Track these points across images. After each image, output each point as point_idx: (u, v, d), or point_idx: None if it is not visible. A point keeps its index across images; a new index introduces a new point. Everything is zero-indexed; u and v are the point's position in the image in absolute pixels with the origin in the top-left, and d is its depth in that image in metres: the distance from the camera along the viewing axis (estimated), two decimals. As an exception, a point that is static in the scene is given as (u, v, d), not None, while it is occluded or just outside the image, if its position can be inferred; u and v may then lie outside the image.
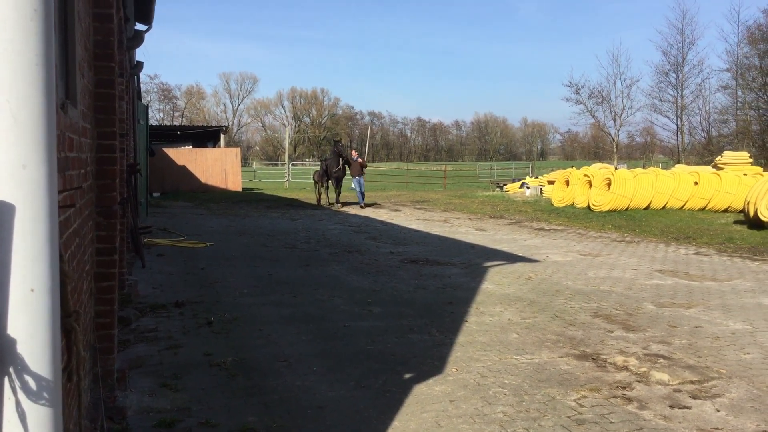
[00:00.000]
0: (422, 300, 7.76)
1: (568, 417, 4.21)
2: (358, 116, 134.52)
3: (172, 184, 29.55)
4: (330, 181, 22.83)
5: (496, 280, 9.10)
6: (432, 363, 5.32)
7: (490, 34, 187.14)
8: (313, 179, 24.58)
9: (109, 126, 4.49)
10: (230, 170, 31.53)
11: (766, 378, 5.00)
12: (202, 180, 30.84)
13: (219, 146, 35.10)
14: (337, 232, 14.84)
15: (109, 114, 4.50)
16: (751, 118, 36.96)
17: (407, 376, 5.02)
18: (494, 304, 7.55)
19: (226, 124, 57.64)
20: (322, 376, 4.98)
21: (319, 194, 23.35)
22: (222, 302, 7.50)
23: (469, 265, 10.31)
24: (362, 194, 22.58)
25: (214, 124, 69.84)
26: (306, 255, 11.28)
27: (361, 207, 21.99)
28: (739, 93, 38.06)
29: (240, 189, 31.97)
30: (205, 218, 18.17)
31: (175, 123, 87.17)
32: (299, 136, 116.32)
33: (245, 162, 78.50)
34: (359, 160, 23.01)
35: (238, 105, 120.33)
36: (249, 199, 26.49)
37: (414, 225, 16.52)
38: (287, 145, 49.48)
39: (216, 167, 31.25)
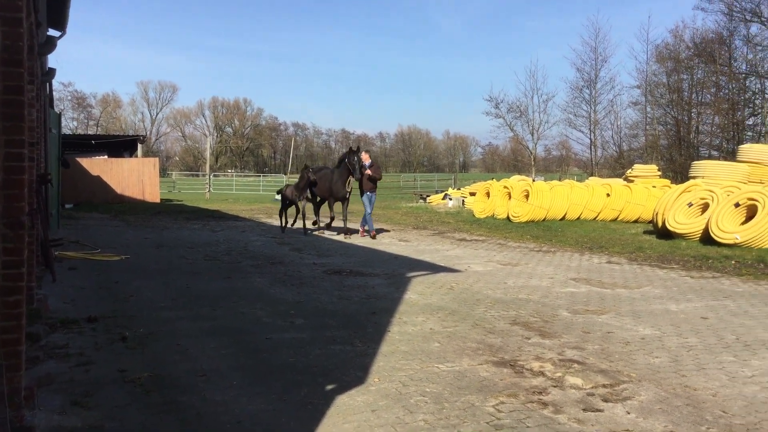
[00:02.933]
0: (345, 311, 7.75)
1: (487, 423, 4.29)
2: (281, 127, 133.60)
3: (86, 195, 28.49)
4: (312, 198, 17.65)
5: (419, 290, 9.19)
6: (354, 373, 5.31)
7: (414, 48, 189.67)
8: (282, 195, 18.27)
9: (18, 134, 4.29)
10: (148, 181, 30.65)
11: (673, 381, 5.24)
12: (118, 191, 29.86)
13: (136, 156, 34.09)
14: (259, 243, 14.65)
15: (18, 122, 4.30)
16: (660, 133, 38.85)
17: (329, 387, 4.99)
18: (417, 314, 7.62)
19: (144, 134, 56.06)
20: (242, 390, 4.90)
21: (285, 218, 17.75)
22: (138, 317, 7.26)
23: (392, 275, 10.37)
24: (368, 217, 16.66)
25: (131, 133, 67.74)
26: (227, 267, 11.08)
27: (372, 236, 16.19)
28: (648, 109, 39.99)
29: (158, 200, 31.13)
30: (120, 230, 17.58)
31: (90, 132, 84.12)
32: (221, 146, 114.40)
33: (164, 172, 76.48)
34: (372, 170, 16.64)
35: (157, 114, 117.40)
36: (168, 210, 25.82)
37: (338, 236, 16.50)
38: (208, 156, 48.57)
39: (133, 178, 30.33)
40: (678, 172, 30.44)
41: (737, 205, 14.34)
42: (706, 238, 14.39)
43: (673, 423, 4.32)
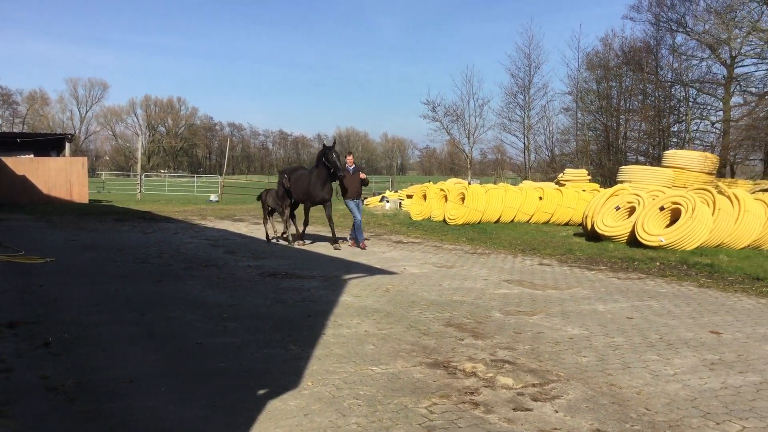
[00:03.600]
0: (280, 314, 7.67)
1: (419, 424, 4.31)
2: (217, 127, 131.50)
3: (10, 195, 27.36)
4: (293, 205, 15.72)
5: (354, 292, 9.18)
6: (288, 377, 5.26)
7: (352, 50, 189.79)
8: (262, 201, 16.31)
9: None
10: (76, 181, 29.65)
11: (599, 379, 5.39)
12: (45, 191, 28.78)
13: (64, 155, 32.90)
14: (192, 246, 14.35)
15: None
16: (590, 138, 40.00)
17: (262, 392, 4.92)
18: (352, 317, 7.61)
19: (73, 132, 54.18)
20: (171, 397, 4.77)
21: (272, 226, 16.22)
22: (62, 322, 6.99)
23: (328, 278, 10.33)
24: (360, 225, 14.95)
25: (59, 131, 65.37)
26: (158, 270, 10.80)
27: (361, 246, 14.62)
28: (579, 115, 41.11)
29: (87, 201, 30.17)
30: (46, 232, 16.93)
31: (15, 130, 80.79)
32: (154, 146, 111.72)
33: (93, 172, 74.18)
34: (360, 174, 15.12)
35: (87, 112, 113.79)
36: (97, 211, 25.03)
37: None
38: (140, 156, 47.32)
39: (60, 178, 29.28)
40: (607, 177, 31.41)
41: (662, 208, 14.90)
42: (633, 241, 14.89)
43: (599, 421, 4.44)
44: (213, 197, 36.96)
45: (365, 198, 32.89)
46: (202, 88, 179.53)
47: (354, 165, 15.14)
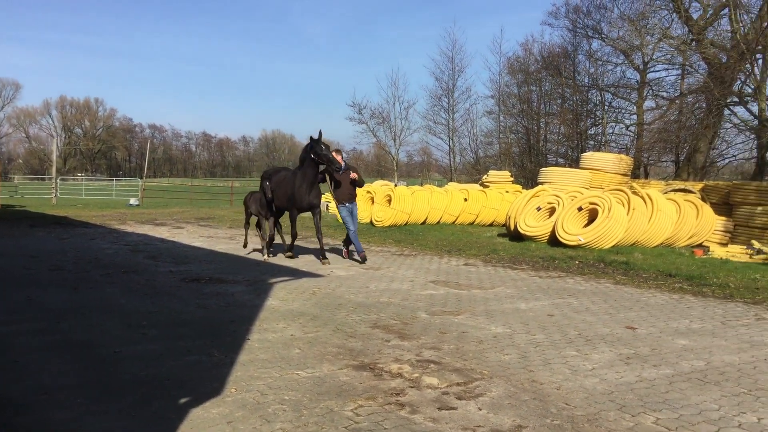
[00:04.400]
0: (203, 320, 7.50)
1: (345, 427, 4.29)
2: (137, 129, 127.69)
3: None
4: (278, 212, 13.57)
5: (280, 296, 9.08)
6: (210, 385, 5.14)
7: (277, 52, 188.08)
8: (245, 204, 14.56)
9: None
10: (-14, 185, 28.14)
11: (521, 376, 5.51)
12: (-49, 196, 27.20)
13: (-28, 158, 31.21)
14: (111, 252, 13.87)
15: None
16: (512, 141, 40.99)
17: (183, 400, 4.79)
18: (278, 321, 7.52)
19: (-18, 134, 51.48)
20: (88, 408, 4.59)
21: (249, 235, 14.81)
22: (-31, 333, 6.62)
23: (253, 282, 10.18)
24: (355, 235, 13.03)
25: (-34, 133, 62.08)
26: (75, 277, 10.38)
27: (360, 259, 12.79)
28: (502, 118, 42.07)
29: (-2, 206, 28.68)
30: (-48, 239, 16.00)
31: None
32: (70, 148, 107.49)
33: (5, 176, 70.72)
34: (352, 174, 12.90)
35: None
36: (9, 216, 23.84)
37: (198, 242, 15.97)
38: (55, 158, 45.39)
39: (-32, 181, 27.72)
40: (529, 178, 32.25)
41: (580, 209, 15.41)
42: (553, 240, 15.34)
43: (521, 417, 4.54)
44: (133, 201, 35.81)
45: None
46: (120, 88, 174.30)
47: (344, 163, 12.88)
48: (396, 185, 26.15)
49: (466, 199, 21.99)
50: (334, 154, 12.53)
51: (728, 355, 6.27)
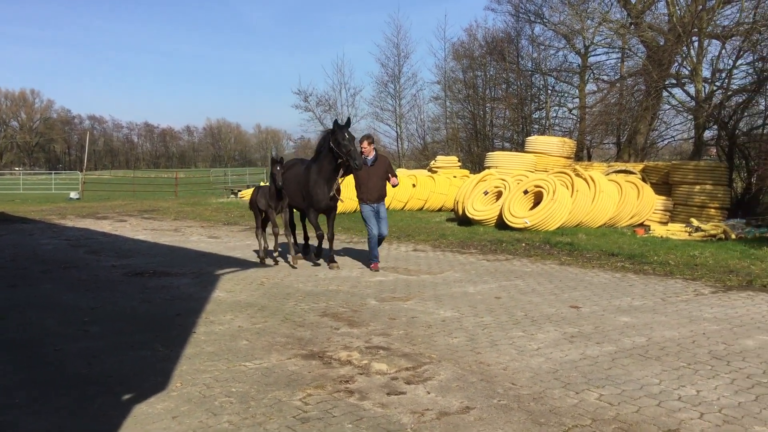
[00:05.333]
0: (147, 314, 7.33)
1: (294, 417, 4.26)
2: (76, 120, 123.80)
3: None
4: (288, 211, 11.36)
5: (227, 287, 8.95)
6: (155, 380, 5.03)
7: (220, 40, 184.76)
8: (252, 204, 11.87)
9: None
10: None
11: (469, 359, 5.56)
12: None
13: None
14: (50, 247, 13.44)
15: None
16: (459, 126, 41.23)
17: (127, 396, 4.68)
18: (225, 312, 7.41)
19: None
20: (28, 408, 4.43)
21: (264, 240, 11.68)
22: None
23: (200, 274, 10.00)
24: (375, 240, 10.53)
25: None
26: (12, 274, 10.03)
27: (372, 268, 10.37)
28: (448, 104, 42.22)
29: (-71, 203, 27.49)
30: None
31: None
32: (6, 142, 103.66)
33: (-64, 172, 67.86)
34: (383, 164, 10.54)
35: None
36: (-60, 214, 22.87)
37: (141, 236, 15.61)
38: (-10, 152, 43.67)
39: None
40: (476, 163, 32.52)
41: (526, 192, 15.63)
42: (501, 224, 15.53)
43: (468, 398, 4.58)
44: (73, 195, 34.76)
45: (239, 190, 32.15)
46: (57, 79, 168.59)
47: (374, 154, 10.46)
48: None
49: (414, 185, 22.07)
50: (365, 144, 10.34)
51: (668, 330, 6.46)
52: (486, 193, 16.85)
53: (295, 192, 10.93)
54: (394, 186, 10.60)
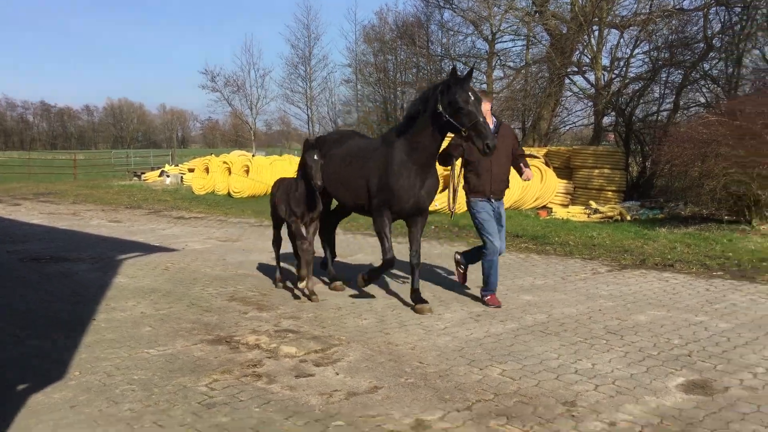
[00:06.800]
0: (44, 301, 6.99)
1: (199, 403, 4.18)
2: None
3: None
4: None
5: (130, 273, 8.65)
6: (52, 369, 4.81)
7: (125, 17, 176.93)
8: (273, 207, 7.86)
9: None
10: None
11: (378, 339, 5.62)
12: None
13: None
14: (-65, 232, 12.57)
15: None
16: (370, 110, 41.33)
17: (22, 387, 4.46)
18: (127, 299, 7.16)
19: None
20: None
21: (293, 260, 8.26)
22: None
23: (100, 259, 9.62)
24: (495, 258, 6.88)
25: None
26: None
27: (489, 301, 6.81)
28: (359, 87, 42.26)
29: None
30: None
31: None
32: None
33: None
34: (522, 167, 6.94)
35: None
36: None
37: (37, 220, 14.84)
38: None
39: None
40: (387, 146, 32.68)
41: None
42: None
43: (377, 378, 4.63)
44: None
45: (142, 173, 31.00)
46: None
47: (494, 120, 6.86)
48: (254, 155, 25.64)
49: (325, 168, 21.97)
50: (484, 107, 6.39)
51: (567, 307, 6.74)
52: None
53: (355, 183, 7.02)
54: (526, 180, 7.04)
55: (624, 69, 21.27)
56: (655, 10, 19.74)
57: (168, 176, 26.99)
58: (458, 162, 7.00)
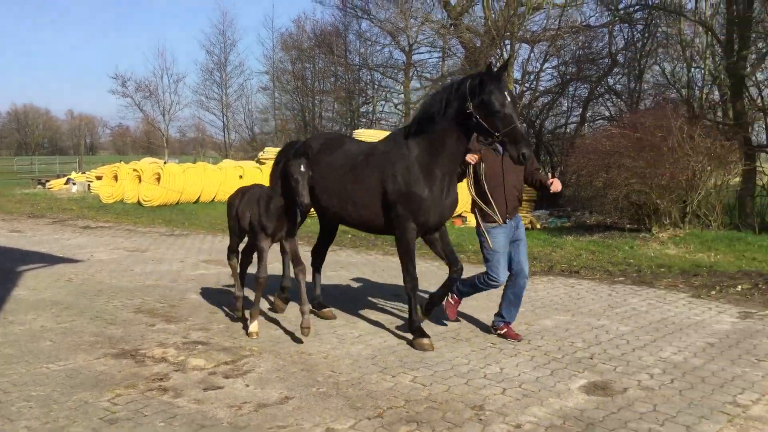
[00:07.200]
0: (-69, 317, 6.55)
1: (100, 418, 4.01)
2: None
3: None
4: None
5: (30, 285, 8.23)
6: (-62, 389, 4.51)
7: (28, 17, 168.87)
8: (231, 222, 6.65)
9: None
10: None
11: (290, 349, 5.57)
12: None
13: None
14: None
15: None
16: (288, 118, 41.03)
17: None
18: (26, 312, 6.81)
19: None
20: None
21: (243, 279, 6.88)
22: None
23: (-3, 271, 9.11)
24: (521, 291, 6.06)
25: None
26: None
27: (506, 333, 5.97)
28: (277, 94, 41.86)
29: None
30: None
31: None
32: None
33: None
34: (552, 178, 5.98)
35: None
36: None
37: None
38: None
39: None
40: (305, 155, 32.51)
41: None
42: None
43: (288, 388, 4.58)
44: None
45: (47, 180, 29.61)
46: None
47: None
48: (166, 162, 24.95)
49: (241, 176, 21.63)
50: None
51: (479, 313, 6.88)
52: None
53: (352, 196, 6.09)
54: (554, 192, 6.06)
55: (534, 82, 22.02)
56: (564, 26, 20.55)
57: (74, 184, 25.89)
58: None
